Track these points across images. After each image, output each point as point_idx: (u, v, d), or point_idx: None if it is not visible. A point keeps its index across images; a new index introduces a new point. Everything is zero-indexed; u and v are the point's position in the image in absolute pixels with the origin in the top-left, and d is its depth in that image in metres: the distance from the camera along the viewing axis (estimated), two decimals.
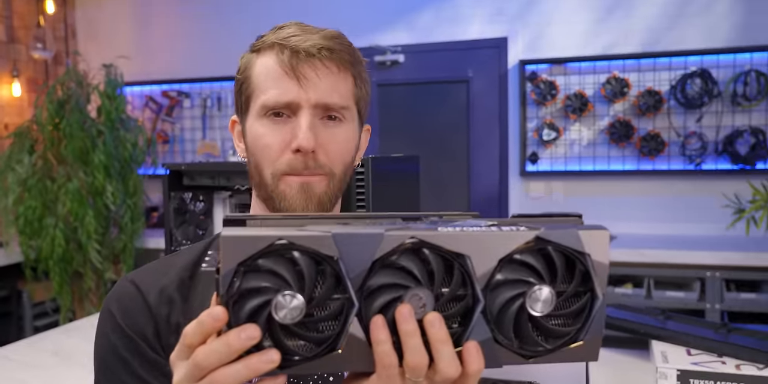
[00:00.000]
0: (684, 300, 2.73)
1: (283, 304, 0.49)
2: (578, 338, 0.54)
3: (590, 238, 0.53)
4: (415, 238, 0.52)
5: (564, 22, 3.32)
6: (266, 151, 0.74)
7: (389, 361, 0.50)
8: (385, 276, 0.52)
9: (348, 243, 0.51)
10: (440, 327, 0.50)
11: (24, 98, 3.87)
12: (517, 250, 0.53)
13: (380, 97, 3.67)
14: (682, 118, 3.16)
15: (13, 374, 1.54)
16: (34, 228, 3.11)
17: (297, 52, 0.72)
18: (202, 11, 3.92)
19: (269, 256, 0.50)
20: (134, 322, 0.73)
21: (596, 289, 0.54)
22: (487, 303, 0.53)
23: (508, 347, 0.53)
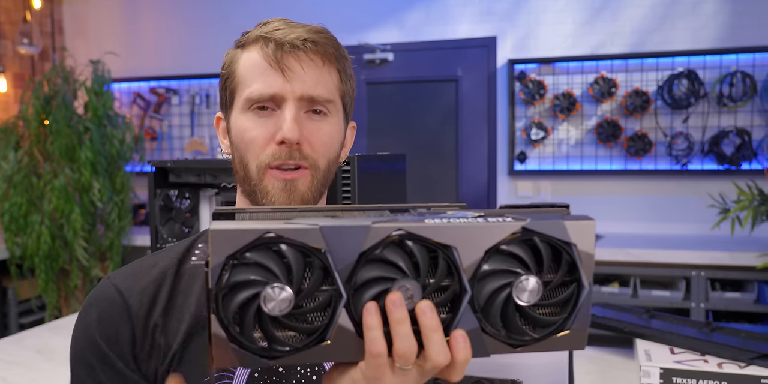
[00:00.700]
0: (669, 299, 2.76)
1: (272, 297, 0.50)
2: (565, 327, 0.55)
3: (576, 228, 0.54)
4: (401, 230, 0.52)
5: (553, 22, 3.33)
6: (251, 144, 0.74)
7: (378, 348, 0.51)
8: (372, 268, 0.52)
9: (335, 235, 0.51)
10: (432, 315, 0.51)
11: (10, 94, 3.83)
12: (503, 241, 0.53)
13: (369, 96, 3.67)
14: (668, 118, 3.19)
15: None
16: (20, 225, 3.09)
17: (281, 45, 0.72)
18: (190, 8, 3.90)
19: (257, 249, 0.50)
20: (109, 329, 0.73)
21: (582, 279, 0.54)
22: (474, 293, 0.53)
23: (496, 337, 0.54)
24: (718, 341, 1.42)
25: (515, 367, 0.94)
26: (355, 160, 1.19)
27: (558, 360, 0.92)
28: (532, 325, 0.55)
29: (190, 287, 0.76)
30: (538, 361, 0.93)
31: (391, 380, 0.53)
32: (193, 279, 0.77)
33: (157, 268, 0.77)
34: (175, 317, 0.74)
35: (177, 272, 0.77)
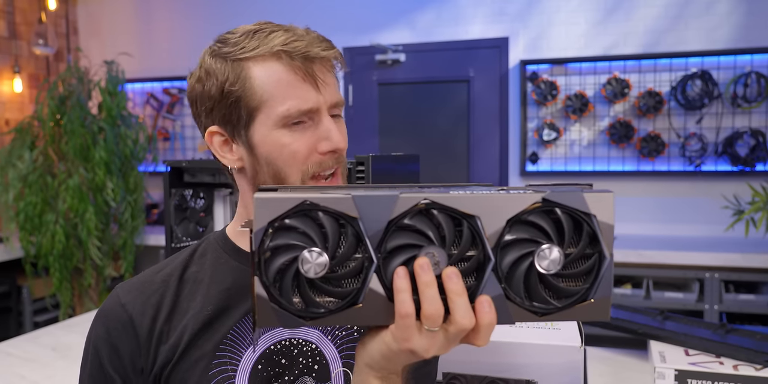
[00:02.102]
0: (683, 301, 2.74)
1: (309, 260, 0.54)
2: (588, 297, 0.57)
3: (595, 200, 0.56)
4: (427, 200, 0.56)
5: (565, 22, 3.32)
6: (293, 157, 0.74)
7: (407, 309, 0.54)
8: (401, 236, 0.56)
9: (366, 204, 0.55)
10: (457, 280, 0.55)
11: (25, 94, 3.87)
12: (524, 211, 0.56)
13: (381, 96, 3.68)
14: (682, 119, 3.17)
15: (12, 369, 1.54)
16: (35, 224, 3.12)
17: (309, 58, 0.72)
18: (203, 9, 3.92)
19: (296, 215, 0.55)
20: (112, 345, 0.78)
21: (603, 249, 0.56)
22: (498, 261, 0.56)
23: (520, 304, 0.57)
24: (734, 343, 1.41)
25: (530, 367, 0.94)
26: (369, 161, 1.20)
27: (572, 360, 0.92)
28: (556, 294, 0.57)
29: (195, 292, 0.79)
30: (553, 361, 0.93)
31: (419, 342, 0.56)
32: (198, 283, 0.80)
33: (161, 276, 0.81)
34: (180, 320, 0.77)
35: (181, 278, 0.80)
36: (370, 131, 3.70)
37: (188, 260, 0.82)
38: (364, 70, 3.68)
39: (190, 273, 0.81)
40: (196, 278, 0.80)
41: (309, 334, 0.79)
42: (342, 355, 0.80)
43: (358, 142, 3.73)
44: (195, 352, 0.76)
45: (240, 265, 0.80)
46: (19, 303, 3.34)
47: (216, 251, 0.82)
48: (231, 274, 0.80)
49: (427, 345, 0.56)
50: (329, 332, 0.80)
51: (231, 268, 0.80)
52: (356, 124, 3.72)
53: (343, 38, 3.67)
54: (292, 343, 0.79)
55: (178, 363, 0.76)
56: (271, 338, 0.78)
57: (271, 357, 0.77)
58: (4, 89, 3.76)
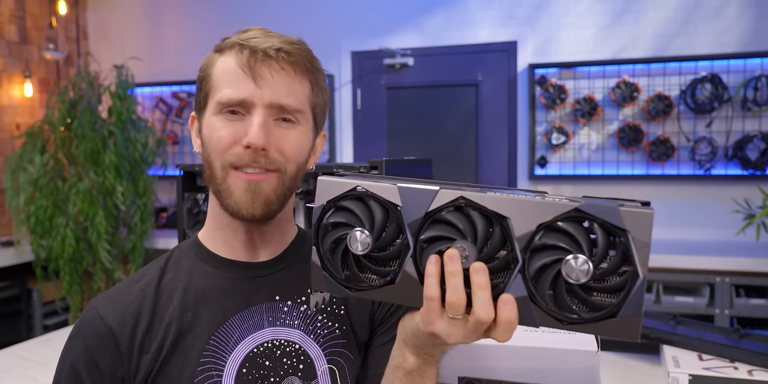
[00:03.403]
0: (693, 305, 2.73)
1: (356, 238, 0.63)
2: (617, 314, 0.56)
3: (632, 216, 0.55)
4: (463, 198, 0.60)
5: (574, 26, 3.32)
6: (218, 144, 0.75)
7: (432, 292, 0.60)
8: (436, 228, 0.61)
9: (409, 195, 0.62)
10: (483, 275, 0.58)
11: (36, 98, 3.90)
12: (557, 218, 0.57)
13: (389, 100, 3.68)
14: (691, 123, 3.16)
15: (25, 372, 1.55)
16: (45, 227, 3.13)
17: (255, 52, 0.74)
18: (212, 13, 3.94)
19: (350, 198, 0.64)
20: (93, 360, 0.76)
21: (637, 268, 0.55)
22: (526, 264, 0.58)
23: (545, 309, 0.58)
24: (748, 348, 1.40)
25: (545, 371, 0.94)
26: (382, 165, 1.20)
27: (588, 365, 0.92)
28: (584, 305, 0.57)
29: (172, 298, 0.79)
30: (569, 366, 0.92)
31: (441, 326, 0.61)
32: (174, 290, 0.80)
33: (139, 286, 0.80)
34: (159, 328, 0.77)
35: (158, 287, 0.80)
36: (379, 135, 3.71)
37: (163, 268, 0.82)
38: (372, 74, 3.68)
39: (166, 281, 0.80)
40: (171, 285, 0.80)
41: (291, 335, 0.80)
42: (326, 353, 0.81)
43: (367, 146, 3.73)
44: (178, 359, 0.76)
45: (215, 270, 0.81)
46: (30, 306, 3.35)
47: (190, 258, 0.83)
48: (207, 279, 0.80)
49: (449, 331, 0.61)
50: (311, 332, 0.81)
51: (207, 273, 0.81)
52: (365, 128, 3.73)
53: (351, 42, 3.68)
54: (274, 345, 0.79)
55: (161, 371, 0.75)
56: (253, 341, 0.79)
57: (255, 360, 0.78)
58: (15, 94, 3.79)
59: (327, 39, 3.69)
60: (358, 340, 0.85)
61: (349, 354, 0.83)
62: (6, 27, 3.73)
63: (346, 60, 3.69)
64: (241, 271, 0.81)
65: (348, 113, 3.73)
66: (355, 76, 3.70)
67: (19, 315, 3.29)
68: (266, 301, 0.80)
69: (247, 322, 0.79)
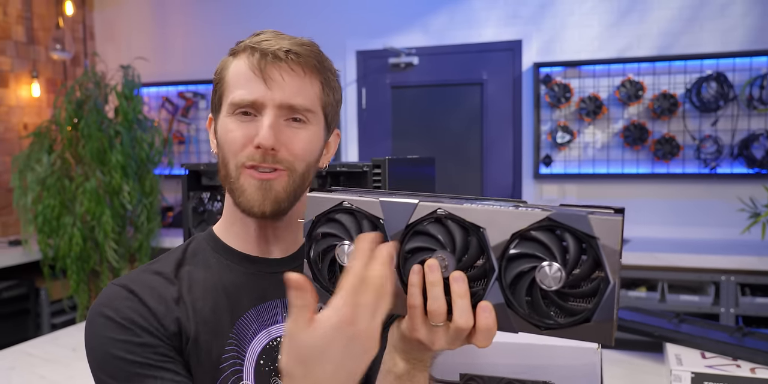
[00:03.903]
0: (698, 304, 2.72)
1: (344, 251, 0.65)
2: (590, 318, 0.58)
3: (601, 223, 0.57)
4: (442, 210, 0.62)
5: (579, 25, 3.32)
6: (231, 144, 0.78)
7: (415, 301, 0.62)
8: (417, 239, 0.64)
9: (390, 208, 0.65)
10: (462, 284, 0.60)
11: (43, 99, 3.92)
12: (530, 228, 0.59)
13: (394, 99, 3.69)
14: (697, 121, 3.15)
15: (33, 369, 1.57)
16: (53, 226, 3.15)
17: (265, 55, 0.77)
18: (218, 13, 3.95)
19: (338, 212, 0.67)
20: (127, 317, 0.74)
21: (608, 274, 0.57)
22: (502, 272, 0.60)
23: (522, 315, 0.60)
24: (751, 346, 1.40)
25: (547, 368, 0.94)
26: (385, 164, 1.21)
27: (589, 362, 0.92)
28: (559, 311, 0.59)
29: (191, 288, 0.80)
30: (570, 363, 0.93)
31: (424, 333, 0.63)
32: (193, 282, 0.81)
33: (157, 274, 0.81)
34: (182, 313, 0.78)
35: (176, 276, 0.81)
36: (384, 134, 3.72)
37: (181, 259, 0.83)
38: (377, 74, 3.69)
39: (184, 272, 0.82)
40: (190, 277, 0.81)
41: None
42: None
43: (372, 145, 3.74)
44: (199, 351, 0.77)
45: (232, 264, 0.83)
46: (37, 305, 3.38)
47: (207, 251, 0.85)
48: (224, 273, 0.82)
49: (432, 338, 0.63)
50: None
51: (224, 267, 0.83)
52: (369, 127, 3.74)
53: (356, 42, 3.69)
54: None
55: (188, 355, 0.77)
56: (267, 335, 0.81)
57: (271, 353, 0.80)
58: (23, 94, 3.81)
59: (332, 38, 3.70)
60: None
61: None
62: (13, 28, 3.76)
63: (351, 59, 3.70)
64: (256, 266, 0.84)
65: (353, 112, 3.74)
66: (360, 75, 3.71)
67: (27, 314, 3.32)
68: (280, 298, 0.83)
69: (262, 316, 0.81)
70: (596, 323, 0.58)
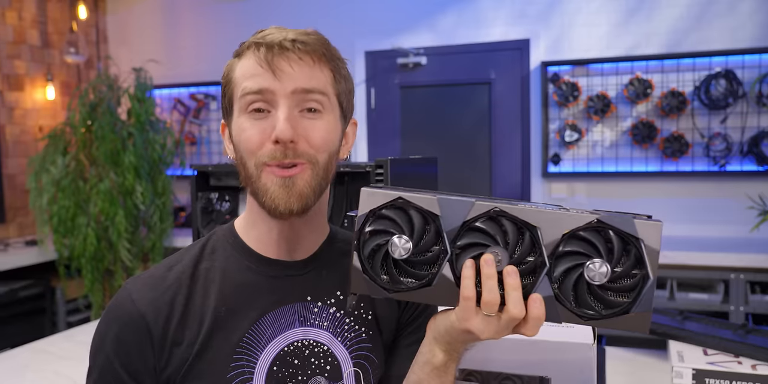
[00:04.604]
0: (707, 302, 2.72)
1: (397, 244, 0.68)
2: (629, 310, 0.66)
3: (644, 226, 0.65)
4: (498, 208, 0.68)
5: (586, 23, 3.32)
6: (248, 143, 0.75)
7: (469, 293, 0.66)
8: (472, 235, 0.68)
9: (447, 206, 0.68)
10: (515, 277, 0.66)
11: (58, 101, 3.99)
12: (580, 228, 0.66)
13: (402, 99, 3.71)
14: (706, 119, 3.14)
15: (48, 366, 1.61)
16: (68, 227, 3.21)
17: (271, 47, 0.74)
18: (228, 15, 4.00)
19: (391, 208, 0.70)
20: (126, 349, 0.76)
21: (648, 271, 0.64)
22: (552, 268, 0.67)
23: (568, 307, 0.67)
24: (754, 343, 1.41)
25: (543, 363, 0.96)
26: (387, 164, 1.23)
27: (584, 357, 0.94)
28: (602, 304, 0.66)
29: (207, 290, 0.79)
30: (566, 358, 0.95)
31: (476, 323, 0.67)
32: (209, 282, 0.80)
33: (174, 273, 0.80)
34: (194, 321, 0.77)
35: (193, 275, 0.80)
36: (392, 134, 3.74)
37: (199, 256, 0.82)
38: (385, 74, 3.72)
39: (201, 270, 0.80)
40: (207, 276, 0.80)
41: (320, 336, 0.81)
42: (353, 356, 0.83)
43: (380, 144, 3.76)
44: (211, 354, 0.76)
45: (251, 266, 0.81)
46: (53, 304, 3.44)
47: (226, 249, 0.83)
48: (242, 274, 0.81)
49: (483, 327, 0.67)
50: (339, 334, 0.82)
51: (242, 268, 0.81)
52: (378, 126, 3.76)
53: (364, 42, 3.71)
54: (304, 345, 0.80)
55: (193, 364, 0.76)
56: (284, 340, 0.80)
57: (285, 358, 0.79)
58: (38, 97, 3.88)
59: (341, 39, 3.70)
60: (385, 344, 0.87)
61: (374, 358, 0.85)
62: (28, 32, 3.82)
63: (360, 60, 3.73)
64: (275, 269, 0.82)
65: (362, 112, 3.77)
66: (369, 76, 3.74)
67: (43, 312, 3.38)
68: (298, 301, 0.81)
69: (279, 321, 0.80)
70: (635, 314, 0.65)
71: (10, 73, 3.71)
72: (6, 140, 3.69)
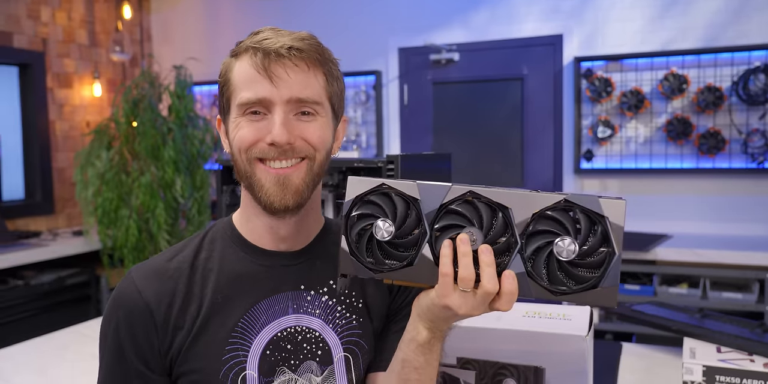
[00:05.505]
0: (742, 301, 2.67)
1: (380, 227, 0.74)
2: (598, 285, 0.69)
3: (609, 205, 0.69)
4: (472, 192, 0.72)
5: (620, 18, 3.28)
6: (241, 141, 0.80)
7: (447, 269, 0.71)
8: (449, 218, 0.73)
9: (426, 190, 0.74)
10: (489, 254, 0.71)
11: (104, 98, 4.16)
12: (548, 208, 0.70)
13: (435, 95, 3.74)
14: (744, 115, 3.07)
15: (85, 348, 1.71)
16: (111, 218, 3.34)
17: (268, 54, 0.78)
18: (265, 12, 4.09)
19: (376, 193, 0.75)
20: (132, 333, 0.81)
21: (614, 247, 0.68)
22: (523, 246, 0.71)
23: (540, 283, 0.71)
24: None
25: (538, 354, 0.99)
26: (398, 160, 1.27)
27: (578, 348, 0.97)
28: (572, 279, 0.70)
29: (206, 279, 0.84)
30: (560, 349, 0.98)
31: (454, 299, 0.72)
32: (208, 271, 0.85)
33: (175, 262, 0.85)
34: (193, 306, 0.82)
35: (192, 265, 0.85)
36: (425, 130, 3.77)
37: (199, 247, 0.87)
38: (418, 70, 3.75)
39: (200, 260, 0.85)
40: (206, 266, 0.85)
41: (312, 323, 0.86)
42: (343, 342, 0.87)
43: (414, 140, 3.80)
44: (207, 337, 0.81)
45: (247, 256, 0.86)
46: (98, 291, 3.60)
47: (224, 240, 0.88)
48: (239, 264, 0.86)
49: (460, 303, 0.71)
50: (330, 321, 0.87)
51: (239, 258, 0.86)
52: (411, 123, 3.80)
53: (398, 39, 3.75)
54: (297, 330, 0.85)
55: (191, 347, 0.81)
56: (278, 325, 0.84)
57: (278, 343, 0.84)
58: (85, 94, 4.06)
59: (375, 36, 3.78)
60: (375, 331, 0.91)
61: (363, 344, 0.89)
62: (77, 31, 4.00)
63: (394, 56, 3.77)
64: (270, 260, 0.86)
65: (395, 108, 3.81)
66: (402, 72, 3.78)
67: (88, 300, 3.54)
68: (292, 290, 0.86)
69: (273, 308, 0.84)
70: (603, 289, 0.69)
71: (60, 71, 3.89)
72: (56, 135, 3.87)
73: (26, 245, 3.25)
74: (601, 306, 0.71)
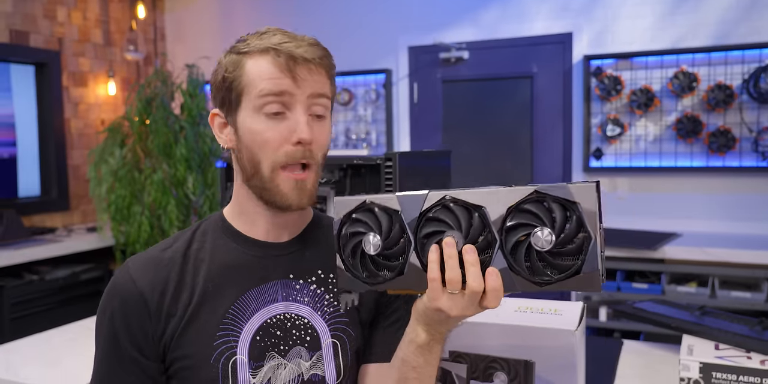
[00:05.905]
0: (751, 300, 2.66)
1: (369, 242, 0.78)
2: (580, 271, 0.69)
3: (579, 190, 0.69)
4: (448, 196, 0.75)
5: (630, 16, 3.27)
6: (265, 145, 0.83)
7: (434, 274, 0.74)
8: (430, 224, 0.75)
9: (406, 201, 0.77)
10: (472, 254, 0.73)
11: (119, 96, 4.22)
12: (521, 201, 0.71)
13: (445, 94, 3.75)
14: (755, 113, 3.05)
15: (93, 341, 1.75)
16: (124, 215, 3.40)
17: (294, 57, 0.82)
18: (281, 13, 4.12)
19: (361, 210, 0.79)
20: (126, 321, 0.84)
21: (589, 231, 0.69)
22: (503, 241, 0.72)
23: (523, 276, 0.72)
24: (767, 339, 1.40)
25: (528, 348, 1.01)
26: (396, 158, 1.29)
27: (567, 343, 0.98)
28: (553, 268, 0.71)
29: (197, 268, 0.88)
30: (549, 344, 0.99)
31: (444, 301, 0.74)
32: (199, 261, 0.89)
33: (169, 253, 0.89)
34: (185, 294, 0.86)
35: (185, 255, 0.89)
36: (434, 128, 3.78)
37: (191, 239, 0.91)
38: (428, 68, 3.76)
39: (192, 250, 0.89)
40: (197, 256, 0.89)
41: (301, 310, 0.89)
42: (331, 329, 0.90)
43: (422, 139, 3.81)
44: (198, 324, 0.85)
45: (238, 247, 0.90)
46: None
47: (216, 232, 0.92)
48: (230, 255, 0.89)
49: (450, 304, 0.74)
50: (319, 309, 0.90)
51: (230, 249, 0.90)
52: (420, 121, 3.81)
53: (407, 37, 3.76)
54: (286, 317, 0.89)
55: (183, 333, 0.84)
56: (267, 312, 0.88)
57: (268, 329, 0.87)
58: (100, 92, 4.12)
59: (385, 35, 3.80)
60: (362, 320, 0.94)
61: (351, 331, 0.92)
62: (92, 31, 4.06)
63: (403, 55, 3.79)
64: (261, 250, 0.90)
65: (405, 106, 3.83)
66: (411, 71, 3.79)
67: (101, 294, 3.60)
68: (281, 279, 0.89)
69: (263, 296, 0.88)
70: (585, 275, 0.69)
71: (76, 70, 3.95)
72: (71, 133, 3.93)
73: (42, 241, 3.31)
74: (586, 291, 0.70)
